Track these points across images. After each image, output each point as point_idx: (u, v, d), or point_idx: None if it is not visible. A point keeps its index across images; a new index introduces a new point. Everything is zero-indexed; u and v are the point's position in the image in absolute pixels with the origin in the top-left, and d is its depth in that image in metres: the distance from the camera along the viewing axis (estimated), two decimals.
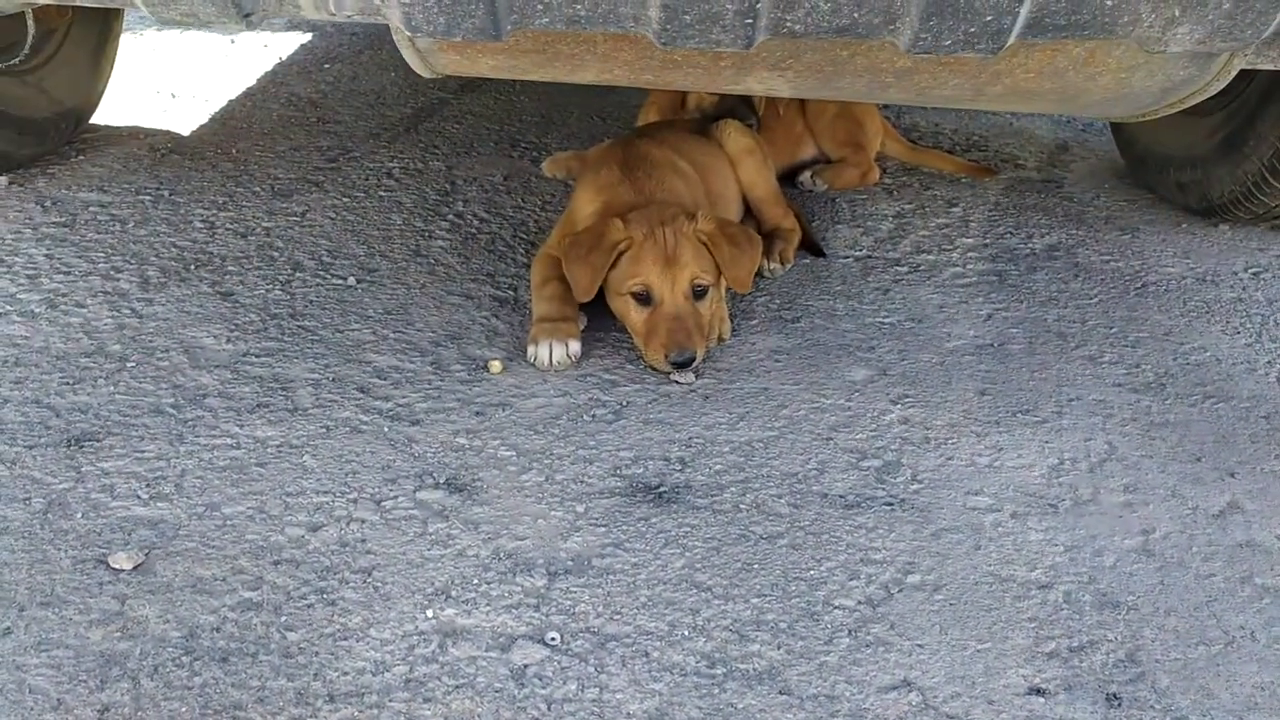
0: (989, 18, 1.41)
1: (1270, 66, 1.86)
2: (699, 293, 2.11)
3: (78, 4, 1.50)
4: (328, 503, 1.70)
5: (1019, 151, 3.45)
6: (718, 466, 1.85)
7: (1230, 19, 1.40)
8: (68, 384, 1.96)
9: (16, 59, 2.60)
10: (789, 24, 1.44)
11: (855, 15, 1.43)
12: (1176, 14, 1.40)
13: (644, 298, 2.10)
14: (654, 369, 2.11)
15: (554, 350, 2.10)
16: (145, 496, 1.69)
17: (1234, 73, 1.76)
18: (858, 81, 1.85)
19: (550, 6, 1.44)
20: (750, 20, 1.43)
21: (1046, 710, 1.40)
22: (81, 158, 3.00)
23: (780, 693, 1.41)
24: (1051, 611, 1.56)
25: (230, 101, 3.60)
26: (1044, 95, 1.86)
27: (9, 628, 1.43)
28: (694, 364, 2.07)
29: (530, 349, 2.11)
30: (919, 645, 1.49)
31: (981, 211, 2.97)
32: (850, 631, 1.51)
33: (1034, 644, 1.50)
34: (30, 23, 2.68)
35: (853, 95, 1.98)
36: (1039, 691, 1.42)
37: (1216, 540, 1.72)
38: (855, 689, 1.42)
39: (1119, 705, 1.41)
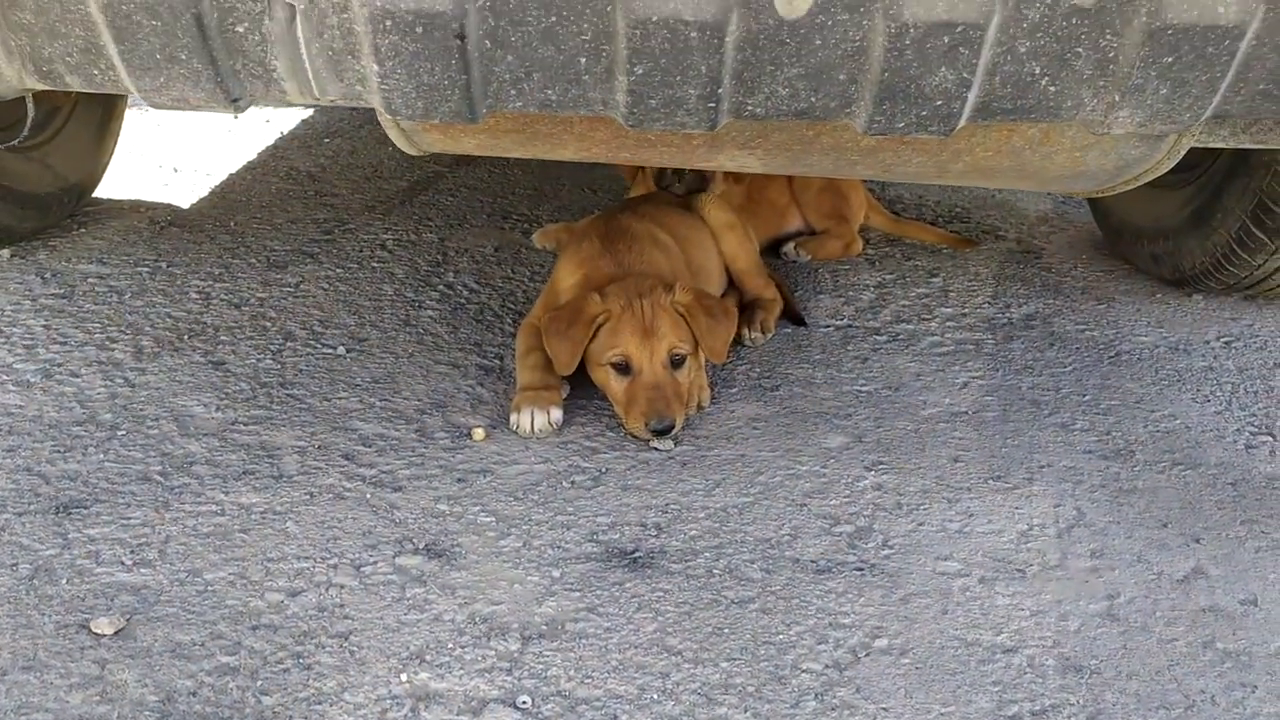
0: (939, 102, 1.48)
1: (1222, 144, 1.94)
2: (676, 362, 2.17)
3: (73, 90, 1.57)
4: (308, 568, 1.74)
5: (1000, 223, 3.53)
6: (693, 532, 1.89)
7: (1168, 104, 1.47)
8: (59, 452, 2.01)
9: (17, 139, 2.69)
10: (750, 107, 1.52)
11: (812, 99, 1.50)
12: (1117, 99, 1.47)
13: (623, 368, 2.15)
14: (634, 436, 2.15)
15: (536, 418, 2.15)
16: (129, 563, 1.73)
17: (1183, 151, 1.83)
18: (825, 159, 1.93)
19: (523, 91, 1.52)
20: (713, 104, 1.51)
21: None
22: (83, 230, 3.08)
23: None
24: (1015, 675, 1.59)
25: (231, 175, 3.70)
26: (1004, 172, 1.93)
27: None
28: (673, 431, 2.12)
29: (513, 417, 2.16)
30: (884, 709, 1.52)
31: (961, 282, 3.03)
32: (816, 695, 1.54)
33: (997, 707, 1.53)
34: (30, 105, 2.77)
35: (822, 171, 2.06)
36: None
37: (1180, 605, 1.75)
38: None
39: None
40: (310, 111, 4.49)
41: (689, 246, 2.63)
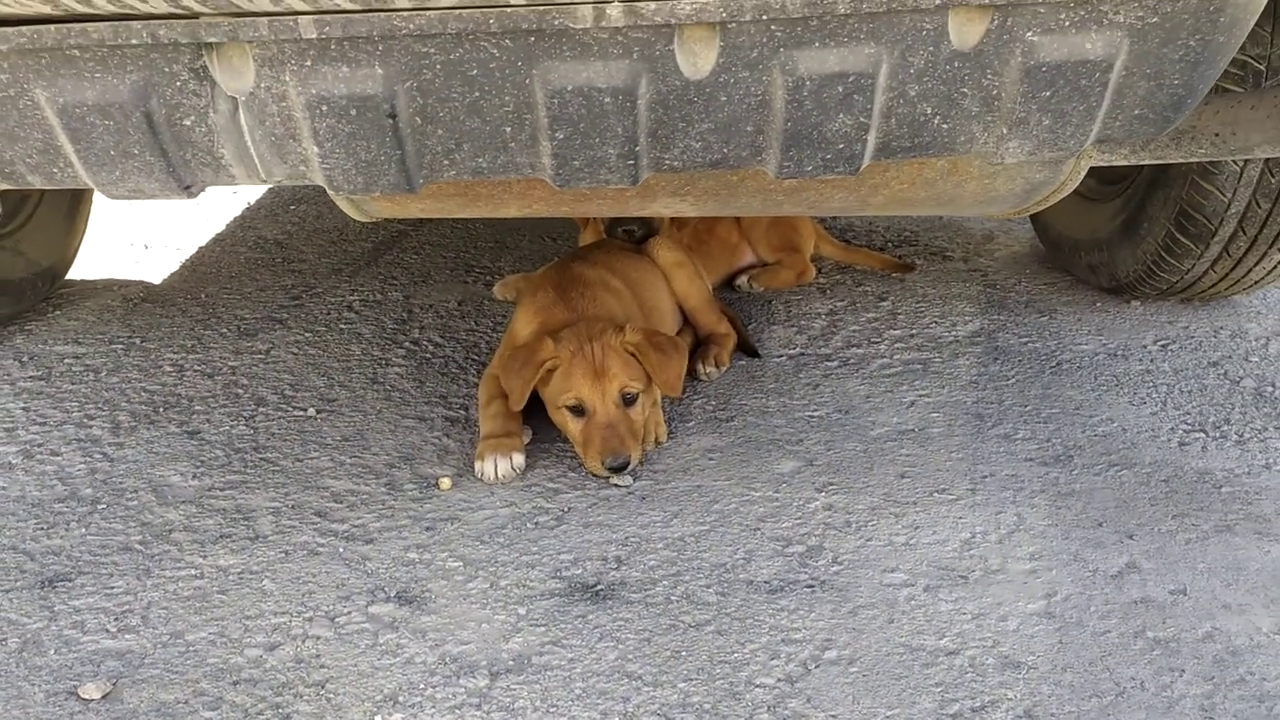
0: (841, 145, 1.60)
1: (1125, 163, 2.07)
2: (629, 400, 2.27)
3: (35, 188, 1.68)
4: (285, 622, 1.83)
5: (947, 244, 3.66)
6: (652, 562, 1.98)
7: (1052, 133, 1.59)
8: (42, 529, 2.09)
9: (11, 227, 2.80)
10: (668, 161, 1.63)
11: (725, 151, 1.62)
12: (1005, 132, 1.59)
13: (578, 410, 2.25)
14: (594, 475, 2.25)
15: (499, 464, 2.24)
16: (114, 629, 1.81)
17: (1083, 173, 1.95)
18: (753, 200, 2.05)
19: (455, 161, 1.63)
20: (632, 161, 1.62)
21: None
22: (58, 313, 3.18)
23: None
24: (957, 676, 1.68)
25: (201, 248, 3.80)
26: (922, 201, 2.05)
27: None
28: (629, 467, 2.21)
29: (477, 465, 2.26)
30: (833, 715, 1.61)
31: (910, 304, 3.15)
32: (769, 708, 1.63)
33: (939, 707, 1.62)
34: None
35: (752, 211, 2.18)
36: None
37: (1113, 599, 1.85)
38: None
39: None
40: None
41: (641, 289, 2.74)
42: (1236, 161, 2.54)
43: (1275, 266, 2.74)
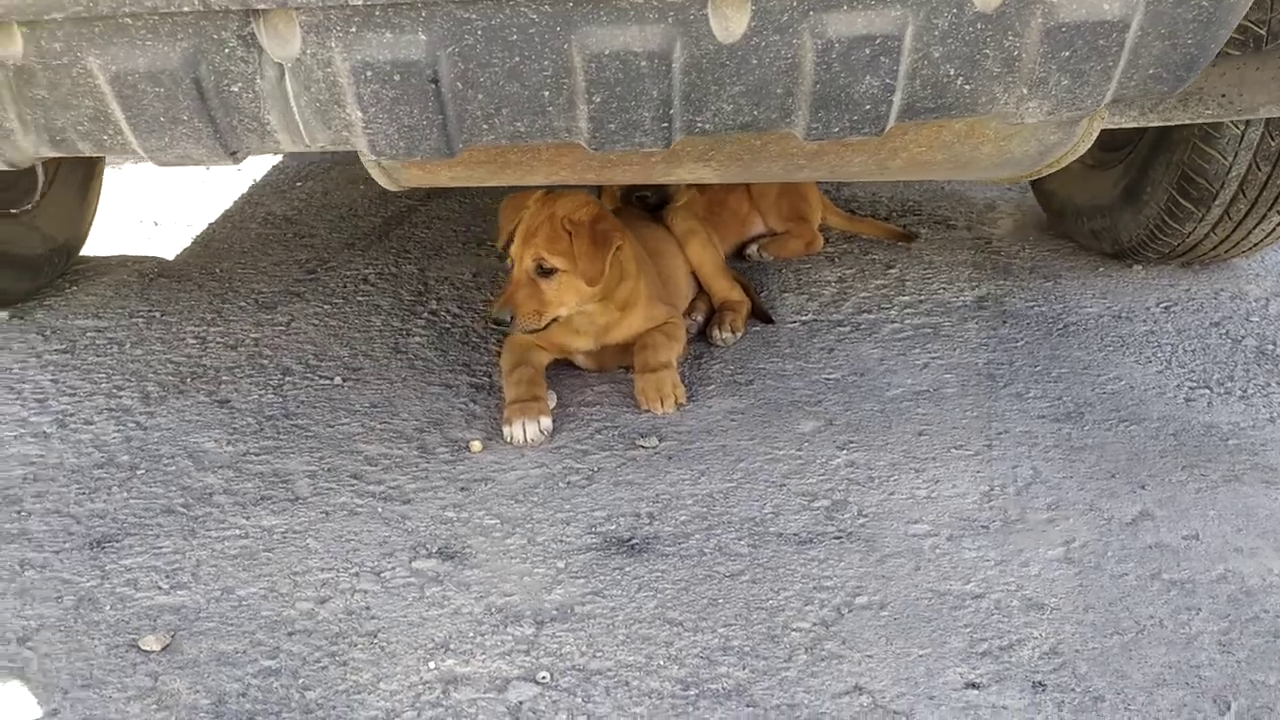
0: (867, 107, 1.65)
1: (1134, 124, 2.13)
2: (544, 271, 2.36)
3: (86, 155, 1.72)
4: (332, 578, 1.88)
5: (950, 213, 3.72)
6: (683, 517, 2.04)
7: (1070, 93, 1.65)
8: (84, 494, 2.14)
9: (30, 203, 2.84)
10: (700, 124, 1.69)
11: (755, 113, 1.67)
12: (1025, 92, 1.65)
13: (507, 261, 2.42)
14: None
15: (527, 428, 2.30)
16: (166, 586, 1.86)
17: (1096, 133, 2.01)
18: (774, 165, 2.10)
19: (494, 126, 1.67)
20: (666, 124, 1.67)
21: (981, 700, 1.58)
22: (75, 288, 3.21)
23: (747, 705, 1.59)
24: (984, 617, 1.75)
25: (211, 224, 3.83)
26: (939, 165, 2.11)
27: (55, 709, 1.59)
28: (509, 327, 2.36)
29: (505, 429, 2.31)
30: (868, 656, 1.68)
31: (917, 271, 3.21)
32: (806, 649, 1.69)
33: (969, 646, 1.69)
34: (40, 172, 2.93)
35: (773, 177, 2.23)
36: (974, 685, 1.61)
37: (1129, 544, 1.92)
38: (813, 697, 1.60)
39: (1044, 691, 1.59)
40: (280, 157, 4.63)
41: (657, 256, 2.79)
42: (1237, 125, 2.60)
43: (1275, 229, 2.81)
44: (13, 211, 3.01)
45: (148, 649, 1.71)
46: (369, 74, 1.58)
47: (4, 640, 1.74)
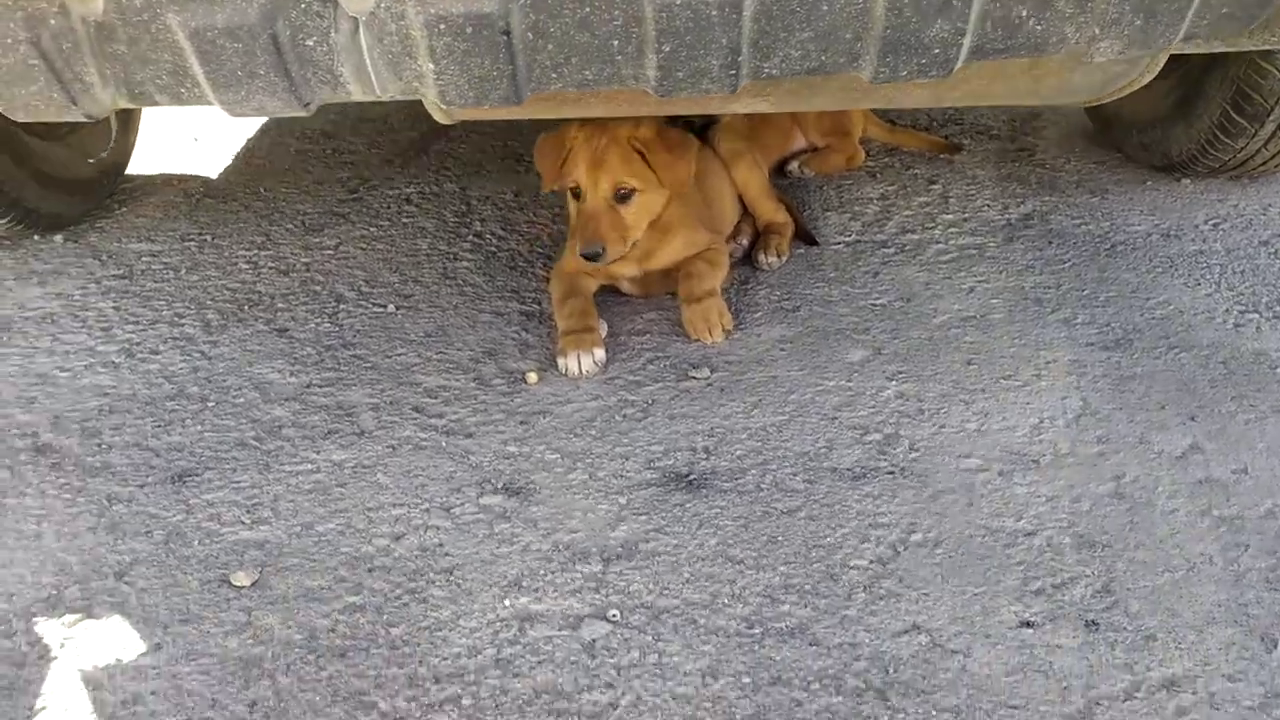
0: (937, 50, 1.64)
1: (1193, 50, 2.10)
2: (622, 196, 2.38)
3: (160, 106, 1.73)
4: (405, 514, 1.96)
5: (992, 123, 3.66)
6: (739, 452, 2.10)
7: (1143, 32, 1.63)
8: (160, 427, 2.21)
9: (104, 152, 2.89)
10: (767, 70, 1.68)
11: (823, 58, 1.66)
12: (1097, 32, 1.63)
13: (577, 195, 2.40)
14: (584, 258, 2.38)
15: (581, 360, 2.34)
16: (248, 521, 1.95)
17: (1161, 64, 1.99)
18: (833, 99, 2.09)
19: (563, 74, 1.67)
20: (733, 71, 1.67)
21: (1035, 639, 1.65)
22: (124, 210, 3.24)
23: (810, 644, 1.67)
24: (1037, 555, 1.81)
25: (249, 140, 3.83)
26: (999, 95, 2.09)
27: (159, 643, 1.69)
28: (601, 259, 2.35)
29: (560, 361, 2.36)
30: (924, 594, 1.75)
31: (960, 186, 3.19)
32: (865, 588, 1.77)
33: (1023, 584, 1.76)
34: (114, 121, 3.00)
35: (828, 106, 2.22)
36: (1028, 624, 1.68)
37: (1179, 479, 1.97)
38: (873, 635, 1.68)
39: (1097, 629, 1.66)
40: None
41: (703, 177, 2.78)
42: None
43: None
44: (63, 134, 3.02)
45: (238, 584, 1.80)
46: (442, 27, 1.58)
47: (102, 575, 1.83)
